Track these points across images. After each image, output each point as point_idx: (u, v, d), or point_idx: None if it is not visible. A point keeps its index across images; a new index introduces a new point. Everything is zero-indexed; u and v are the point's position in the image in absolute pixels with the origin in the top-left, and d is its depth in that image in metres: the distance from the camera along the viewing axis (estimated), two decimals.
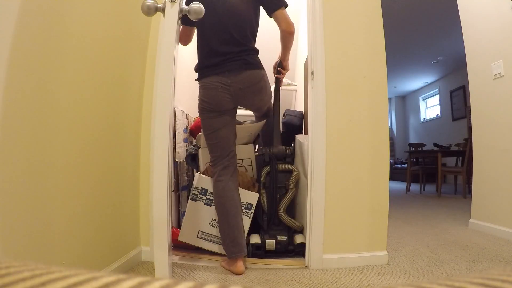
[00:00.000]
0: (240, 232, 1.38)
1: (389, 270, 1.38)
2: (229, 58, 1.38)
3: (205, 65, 1.41)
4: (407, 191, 4.62)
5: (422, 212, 2.90)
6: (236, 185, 1.45)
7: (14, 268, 0.16)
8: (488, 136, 2.07)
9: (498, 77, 1.97)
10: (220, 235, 1.41)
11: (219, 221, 1.42)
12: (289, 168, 1.63)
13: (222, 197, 1.41)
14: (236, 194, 1.43)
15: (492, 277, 0.17)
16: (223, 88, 1.37)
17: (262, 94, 1.48)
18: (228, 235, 1.37)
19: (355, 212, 1.48)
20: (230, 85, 1.38)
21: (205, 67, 1.41)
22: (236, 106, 1.48)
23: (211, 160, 1.48)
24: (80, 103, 1.06)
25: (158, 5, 1.01)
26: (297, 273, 1.35)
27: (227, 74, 1.37)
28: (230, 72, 1.37)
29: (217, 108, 1.40)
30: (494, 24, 2.00)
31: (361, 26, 1.55)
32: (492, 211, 1.99)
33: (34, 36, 0.84)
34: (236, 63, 1.38)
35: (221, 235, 1.40)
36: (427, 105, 7.72)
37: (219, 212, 1.41)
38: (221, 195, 1.41)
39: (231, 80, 1.37)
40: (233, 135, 1.48)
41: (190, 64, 2.38)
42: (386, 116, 1.55)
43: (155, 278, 0.16)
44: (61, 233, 0.95)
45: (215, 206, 1.45)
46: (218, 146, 1.43)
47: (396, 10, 3.92)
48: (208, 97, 1.39)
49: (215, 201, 1.44)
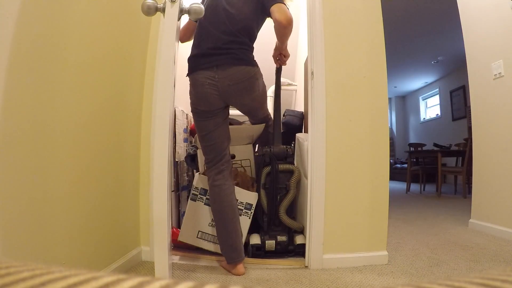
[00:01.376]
0: (238, 237, 1.36)
1: (389, 270, 1.38)
2: (218, 48, 1.33)
3: (194, 53, 1.38)
4: (407, 191, 4.62)
5: (422, 212, 2.90)
6: (232, 189, 1.42)
7: (14, 268, 0.16)
8: (488, 136, 2.07)
9: (498, 77, 1.97)
10: (218, 240, 1.39)
11: (216, 227, 1.40)
12: (290, 169, 1.61)
13: (218, 203, 1.38)
14: (232, 197, 1.40)
15: (492, 277, 0.17)
16: (210, 84, 1.32)
17: (253, 93, 1.40)
18: (226, 241, 1.35)
19: (355, 212, 1.48)
20: (217, 81, 1.32)
21: (194, 55, 1.37)
22: (227, 106, 1.43)
23: (205, 163, 1.45)
24: (81, 103, 1.06)
25: (158, 5, 1.01)
26: (297, 273, 1.35)
27: (214, 69, 1.32)
28: (218, 67, 1.32)
29: (206, 107, 1.36)
30: (494, 24, 2.00)
31: (361, 26, 1.55)
32: (492, 211, 1.99)
33: (34, 36, 0.84)
34: (225, 57, 1.32)
35: (219, 241, 1.38)
36: (427, 105, 7.72)
37: (216, 218, 1.38)
38: (217, 200, 1.38)
39: (218, 76, 1.32)
40: (227, 138, 1.44)
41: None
42: (386, 116, 1.55)
43: (155, 278, 0.16)
44: (61, 233, 0.95)
45: (212, 212, 1.42)
46: (212, 148, 1.41)
47: (396, 10, 3.92)
48: (196, 96, 1.36)
49: (212, 207, 1.41)
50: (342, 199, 1.48)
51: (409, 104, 8.52)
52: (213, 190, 1.40)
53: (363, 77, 1.53)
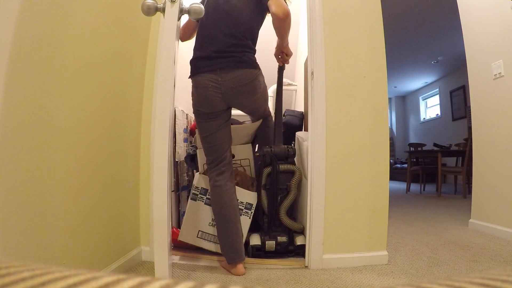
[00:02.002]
0: (238, 237, 1.36)
1: (389, 270, 1.38)
2: (222, 51, 1.34)
3: (197, 55, 1.39)
4: (407, 191, 4.62)
5: (422, 212, 2.90)
6: (233, 190, 1.43)
7: (14, 268, 0.16)
8: (488, 136, 2.07)
9: (498, 77, 1.97)
10: (219, 241, 1.40)
11: (217, 228, 1.40)
12: (291, 169, 1.59)
13: (219, 204, 1.38)
14: (233, 198, 1.40)
15: (492, 277, 0.17)
16: (214, 87, 1.34)
17: (254, 95, 1.42)
18: (227, 241, 1.35)
19: (355, 212, 1.48)
20: (221, 84, 1.34)
21: (197, 58, 1.38)
22: (229, 108, 1.45)
23: (206, 164, 1.46)
24: (80, 103, 1.06)
25: (158, 5, 1.01)
26: (297, 273, 1.35)
27: (218, 72, 1.33)
28: (221, 70, 1.33)
29: (209, 109, 1.37)
30: (494, 24, 2.00)
31: (361, 26, 1.55)
32: (492, 211, 1.99)
33: (34, 35, 0.84)
34: (228, 60, 1.34)
35: (220, 241, 1.39)
36: (427, 105, 7.72)
37: (217, 219, 1.39)
38: (218, 201, 1.38)
39: (222, 78, 1.33)
40: (228, 139, 1.45)
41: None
42: (386, 116, 1.55)
43: (155, 278, 0.16)
44: (61, 233, 0.95)
45: (213, 213, 1.42)
46: (214, 149, 1.41)
47: (396, 10, 3.92)
48: (199, 98, 1.37)
49: (213, 208, 1.42)
50: (342, 199, 1.48)
51: (409, 104, 8.52)
52: (214, 190, 1.40)
53: (363, 77, 1.53)
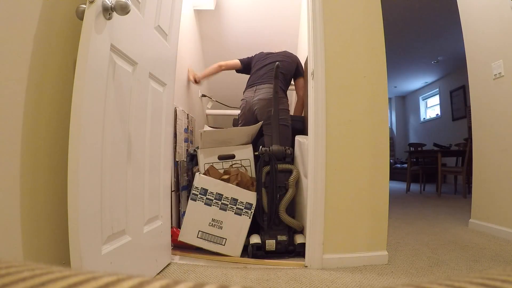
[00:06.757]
0: None
1: (389, 270, 1.38)
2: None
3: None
4: (407, 191, 4.62)
5: (422, 212, 2.90)
6: None
7: (14, 268, 0.16)
8: (488, 136, 2.07)
9: (498, 77, 1.97)
10: None
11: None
12: (289, 168, 1.63)
13: None
14: None
15: (492, 277, 0.17)
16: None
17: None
18: None
19: (355, 212, 1.48)
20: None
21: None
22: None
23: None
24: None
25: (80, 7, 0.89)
26: (297, 273, 1.35)
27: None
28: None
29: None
30: (494, 24, 2.00)
31: (361, 26, 1.55)
32: (492, 211, 1.99)
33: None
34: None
35: None
36: (427, 105, 7.72)
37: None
38: None
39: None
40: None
41: (190, 64, 2.38)
42: (386, 116, 1.55)
43: (155, 278, 0.16)
44: (61, 232, 0.95)
45: None
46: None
47: (396, 10, 3.92)
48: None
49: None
50: (342, 199, 1.48)
51: (409, 104, 8.52)
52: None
53: (363, 77, 1.53)
